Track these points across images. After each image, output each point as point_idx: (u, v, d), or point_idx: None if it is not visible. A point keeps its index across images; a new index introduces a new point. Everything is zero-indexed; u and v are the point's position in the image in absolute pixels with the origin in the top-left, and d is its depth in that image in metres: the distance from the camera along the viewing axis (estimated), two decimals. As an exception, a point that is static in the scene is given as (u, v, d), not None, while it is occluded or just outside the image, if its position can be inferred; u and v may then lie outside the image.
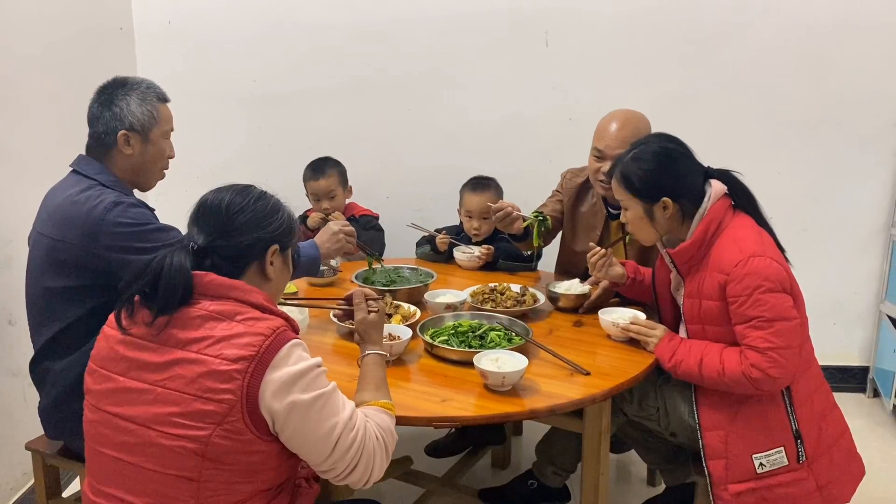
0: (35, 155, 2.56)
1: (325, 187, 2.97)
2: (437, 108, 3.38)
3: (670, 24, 3.21)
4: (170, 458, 1.29)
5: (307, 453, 1.36)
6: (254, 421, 1.29)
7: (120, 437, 1.34)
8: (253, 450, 1.30)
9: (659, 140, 2.00)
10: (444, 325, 2.12)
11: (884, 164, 3.26)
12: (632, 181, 1.95)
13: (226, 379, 1.27)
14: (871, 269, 3.37)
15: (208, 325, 1.33)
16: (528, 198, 2.99)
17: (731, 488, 1.88)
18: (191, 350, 1.31)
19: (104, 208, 1.84)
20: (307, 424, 1.32)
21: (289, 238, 1.49)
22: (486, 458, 2.83)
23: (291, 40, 3.34)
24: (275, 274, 1.47)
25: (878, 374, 3.36)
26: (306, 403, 1.31)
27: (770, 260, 1.82)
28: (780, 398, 1.88)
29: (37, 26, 2.61)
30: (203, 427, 1.27)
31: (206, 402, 1.27)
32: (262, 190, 1.48)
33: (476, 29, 3.28)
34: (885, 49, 3.15)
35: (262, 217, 1.43)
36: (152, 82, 2.06)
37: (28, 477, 2.44)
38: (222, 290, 1.37)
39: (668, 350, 1.95)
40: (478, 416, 1.71)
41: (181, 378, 1.30)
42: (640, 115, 2.40)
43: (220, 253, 1.40)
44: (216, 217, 1.41)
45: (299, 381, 1.32)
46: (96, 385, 1.39)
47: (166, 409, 1.29)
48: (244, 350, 1.29)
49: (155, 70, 3.35)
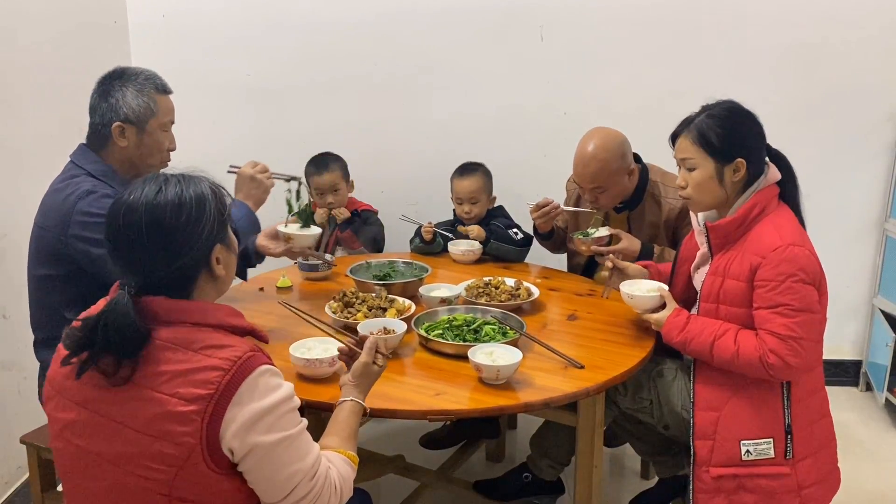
0: (29, 149, 2.56)
1: (329, 181, 2.97)
2: (432, 102, 3.38)
3: (663, 18, 3.21)
4: (137, 495, 1.22)
5: (261, 491, 1.27)
6: (215, 461, 1.20)
7: (89, 470, 1.26)
8: (220, 488, 1.22)
9: (731, 102, 1.97)
10: (439, 319, 2.12)
11: (877, 158, 3.27)
12: (709, 138, 1.90)
13: (183, 421, 1.17)
14: (864, 264, 3.39)
15: (163, 356, 1.21)
16: (522, 191, 3.00)
17: (713, 471, 1.88)
18: (146, 387, 1.20)
19: (77, 196, 1.84)
20: (267, 466, 1.23)
21: (225, 227, 1.32)
22: (481, 451, 2.84)
23: (286, 34, 3.33)
24: (224, 269, 1.33)
25: (870, 367, 3.38)
26: (268, 446, 1.22)
27: (809, 252, 1.83)
28: (778, 390, 1.88)
29: (30, 19, 2.60)
30: (165, 469, 1.19)
31: (166, 443, 1.18)
32: (169, 179, 1.27)
33: (471, 23, 3.28)
34: (879, 42, 3.16)
35: (194, 224, 1.24)
36: (153, 73, 2.03)
37: (23, 470, 2.44)
38: (175, 314, 1.24)
39: (676, 326, 1.94)
40: (472, 409, 1.72)
41: (138, 418, 1.20)
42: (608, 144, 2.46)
43: (163, 284, 1.25)
44: (141, 250, 1.22)
45: (263, 420, 1.21)
46: (56, 413, 1.29)
47: (128, 449, 1.21)
48: (201, 388, 1.18)
49: (149, 64, 3.29)
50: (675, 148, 2.00)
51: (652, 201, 2.54)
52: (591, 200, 2.54)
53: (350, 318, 2.09)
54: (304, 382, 1.77)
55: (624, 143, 2.49)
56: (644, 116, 2.60)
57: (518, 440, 2.96)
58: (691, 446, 1.91)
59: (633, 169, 2.52)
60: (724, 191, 1.93)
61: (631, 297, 2.06)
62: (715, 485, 1.88)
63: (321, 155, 3.02)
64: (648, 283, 2.13)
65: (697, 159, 1.93)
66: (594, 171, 2.46)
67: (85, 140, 2.01)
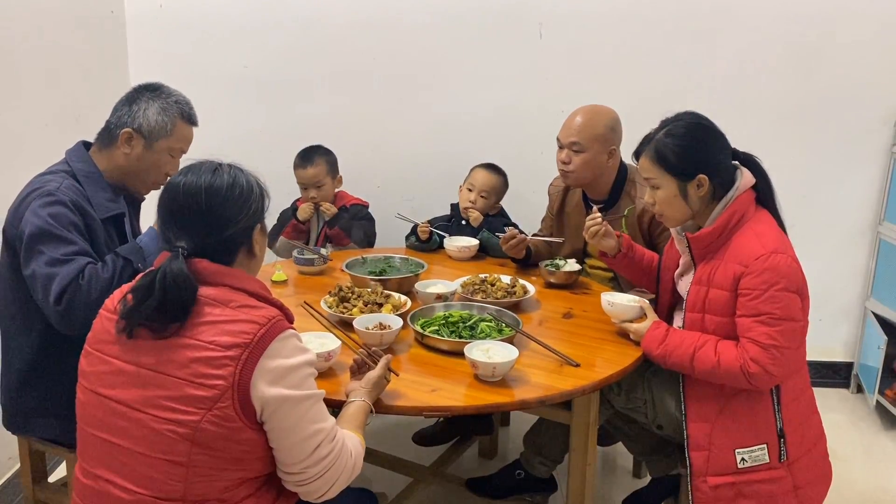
0: (24, 137, 2.54)
1: (312, 176, 2.96)
2: (430, 98, 3.37)
3: (663, 18, 3.21)
4: (160, 441, 1.29)
5: (286, 450, 1.34)
6: (244, 408, 1.28)
7: (111, 420, 1.34)
8: (241, 437, 1.30)
9: (690, 116, 1.96)
10: (435, 315, 2.12)
11: (872, 162, 3.29)
12: (666, 157, 1.90)
13: (218, 365, 1.28)
14: (858, 266, 3.40)
15: (204, 310, 1.33)
16: (520, 187, 3.01)
17: (710, 480, 1.89)
18: (185, 335, 1.31)
19: (37, 195, 1.81)
20: (293, 421, 1.32)
21: (264, 211, 1.48)
22: (474, 447, 2.84)
23: (284, 27, 3.32)
24: (259, 249, 1.48)
25: (861, 369, 3.40)
26: (296, 400, 1.32)
27: (791, 259, 1.83)
28: (768, 396, 1.89)
29: (27, 9, 2.58)
30: (193, 412, 1.27)
31: (198, 387, 1.28)
32: (227, 166, 1.44)
33: (470, 20, 3.27)
34: (876, 44, 3.17)
35: (243, 202, 1.40)
36: (187, 100, 2.03)
37: (14, 461, 2.42)
38: (217, 277, 1.37)
39: (655, 339, 1.94)
40: (467, 405, 1.71)
41: (174, 362, 1.30)
42: (602, 110, 2.51)
43: (210, 249, 1.38)
44: (197, 216, 1.37)
45: (292, 375, 1.32)
46: (90, 367, 1.39)
47: (158, 393, 1.30)
48: (238, 337, 1.29)
49: (146, 54, 3.33)
50: (638, 165, 2.00)
51: (628, 200, 2.55)
52: (563, 161, 2.51)
53: (346, 313, 2.09)
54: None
55: (616, 120, 2.52)
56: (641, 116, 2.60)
57: (511, 437, 2.97)
58: (687, 457, 1.92)
59: (616, 153, 2.52)
60: (691, 206, 1.94)
61: (611, 304, 2.07)
62: (713, 494, 1.89)
63: (308, 148, 3.01)
64: (629, 295, 2.16)
65: (658, 178, 1.93)
66: (579, 125, 2.47)
67: (83, 135, 2.00)
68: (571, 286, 2.48)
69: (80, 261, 1.77)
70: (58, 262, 1.74)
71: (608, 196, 2.56)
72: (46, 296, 1.74)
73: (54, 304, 1.73)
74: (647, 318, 2.02)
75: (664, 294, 2.16)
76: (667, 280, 2.15)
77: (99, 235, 1.89)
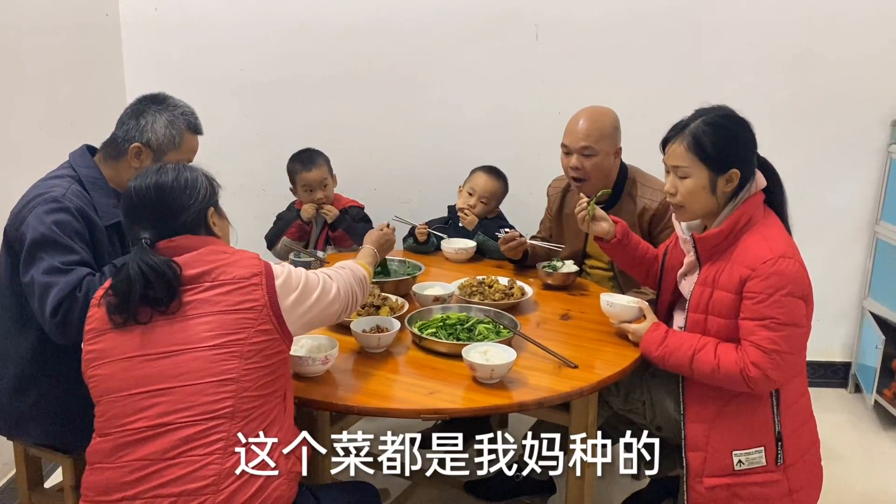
0: (19, 141, 2.53)
1: (318, 177, 2.95)
2: (426, 100, 3.37)
3: (659, 19, 3.21)
4: (213, 365, 1.42)
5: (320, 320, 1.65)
6: (277, 320, 1.49)
7: (147, 371, 1.44)
8: (275, 350, 1.49)
9: (728, 109, 1.91)
10: (433, 318, 2.11)
11: (869, 162, 3.28)
12: (704, 145, 1.83)
13: (249, 290, 1.48)
14: (855, 266, 3.40)
15: (207, 258, 1.50)
16: (516, 189, 3.00)
17: (707, 482, 1.89)
18: (206, 280, 1.48)
19: (41, 200, 1.80)
20: (317, 313, 1.61)
21: (216, 195, 1.65)
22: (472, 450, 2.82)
23: (280, 29, 3.31)
24: (219, 230, 1.64)
25: (859, 369, 3.40)
26: (312, 303, 1.59)
27: (798, 265, 1.81)
28: (767, 399, 1.88)
29: (21, 13, 2.57)
30: (242, 329, 1.45)
31: (237, 311, 1.45)
32: (171, 165, 1.61)
33: (466, 22, 3.27)
34: (873, 46, 3.17)
35: (190, 191, 1.57)
36: (191, 110, 2.03)
37: (9, 467, 2.41)
38: (196, 242, 1.54)
39: (654, 340, 1.93)
40: (466, 408, 1.72)
41: (207, 302, 1.46)
42: (605, 111, 2.50)
43: (170, 234, 1.54)
44: (151, 210, 1.54)
45: (299, 289, 1.56)
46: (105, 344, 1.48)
47: (203, 327, 1.44)
48: (250, 269, 1.50)
49: (141, 58, 3.32)
50: (665, 154, 1.94)
51: (629, 200, 2.54)
52: (575, 168, 2.47)
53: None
54: (295, 381, 1.75)
55: (618, 119, 2.51)
56: (638, 117, 2.60)
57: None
58: (684, 458, 1.91)
59: (620, 152, 2.52)
60: (716, 200, 1.89)
61: (610, 304, 2.07)
62: (709, 495, 1.89)
63: (307, 151, 3.00)
64: (628, 296, 2.15)
65: (691, 167, 1.87)
66: (587, 128, 2.43)
67: (78, 139, 1.99)
68: (569, 288, 2.48)
69: (80, 272, 1.76)
70: (57, 270, 1.73)
71: (609, 196, 2.56)
72: (42, 306, 1.73)
73: (50, 317, 1.72)
74: (646, 320, 2.02)
75: (665, 293, 2.15)
76: (670, 280, 2.13)
77: (102, 242, 1.88)
